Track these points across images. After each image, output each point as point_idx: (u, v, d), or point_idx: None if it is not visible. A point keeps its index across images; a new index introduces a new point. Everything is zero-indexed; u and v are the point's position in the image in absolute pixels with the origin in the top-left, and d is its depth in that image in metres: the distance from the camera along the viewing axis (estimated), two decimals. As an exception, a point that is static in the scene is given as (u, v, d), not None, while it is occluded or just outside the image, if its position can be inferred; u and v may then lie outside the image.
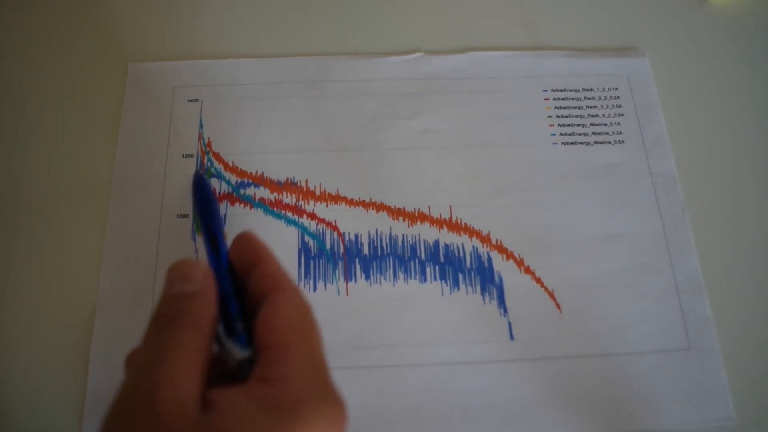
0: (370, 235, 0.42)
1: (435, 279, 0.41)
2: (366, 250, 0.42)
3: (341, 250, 0.42)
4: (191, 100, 0.46)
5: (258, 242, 0.32)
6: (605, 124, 0.46)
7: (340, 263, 0.41)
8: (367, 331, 0.40)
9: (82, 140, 0.45)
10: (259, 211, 0.43)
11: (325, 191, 0.43)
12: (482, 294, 0.41)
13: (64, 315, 0.40)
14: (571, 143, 0.45)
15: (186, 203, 0.43)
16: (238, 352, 0.28)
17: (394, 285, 0.41)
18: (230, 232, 0.42)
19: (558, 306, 0.40)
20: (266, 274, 0.30)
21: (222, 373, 0.27)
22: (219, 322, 0.28)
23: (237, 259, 0.31)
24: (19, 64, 0.47)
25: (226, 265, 0.31)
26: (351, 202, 0.43)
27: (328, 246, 0.42)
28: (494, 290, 0.41)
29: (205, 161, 0.44)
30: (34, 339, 0.39)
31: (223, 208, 0.43)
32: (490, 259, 0.42)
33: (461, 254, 0.42)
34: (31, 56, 0.48)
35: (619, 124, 0.46)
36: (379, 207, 0.43)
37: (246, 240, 0.32)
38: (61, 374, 0.38)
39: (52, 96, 0.46)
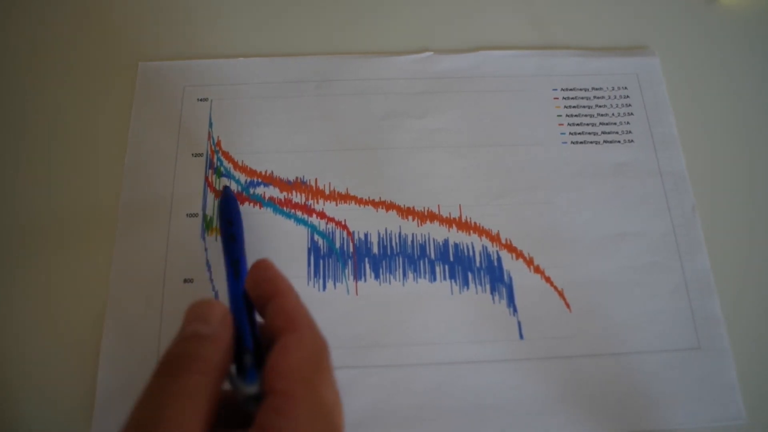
0: (379, 234, 0.42)
1: (444, 278, 0.41)
2: (375, 249, 0.42)
3: (351, 249, 0.42)
4: (201, 99, 0.46)
5: (275, 272, 0.30)
6: (615, 123, 0.46)
7: (349, 262, 0.41)
8: (376, 331, 0.40)
9: (92, 139, 0.45)
10: (269, 210, 0.43)
11: (334, 190, 0.43)
12: (492, 293, 0.41)
13: (74, 315, 0.40)
14: (581, 142, 0.45)
15: (195, 202, 0.43)
16: (245, 388, 0.27)
17: (403, 284, 0.41)
18: (240, 231, 0.42)
19: (568, 305, 0.40)
20: (281, 310, 0.28)
21: (230, 407, 0.27)
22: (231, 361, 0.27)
23: (253, 288, 0.30)
24: (29, 63, 0.48)
25: (243, 295, 0.31)
26: (360, 201, 0.43)
27: (337, 245, 0.42)
28: (504, 289, 0.41)
29: (215, 160, 0.44)
30: (45, 338, 0.39)
31: (233, 207, 0.43)
32: (499, 258, 0.42)
33: (471, 253, 0.42)
34: (41, 55, 0.48)
35: (628, 123, 0.46)
36: (389, 206, 0.43)
37: (263, 269, 0.31)
38: (71, 374, 0.39)
39: (63, 95, 0.46)
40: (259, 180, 0.44)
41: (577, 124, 0.46)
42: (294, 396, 0.25)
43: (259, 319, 0.30)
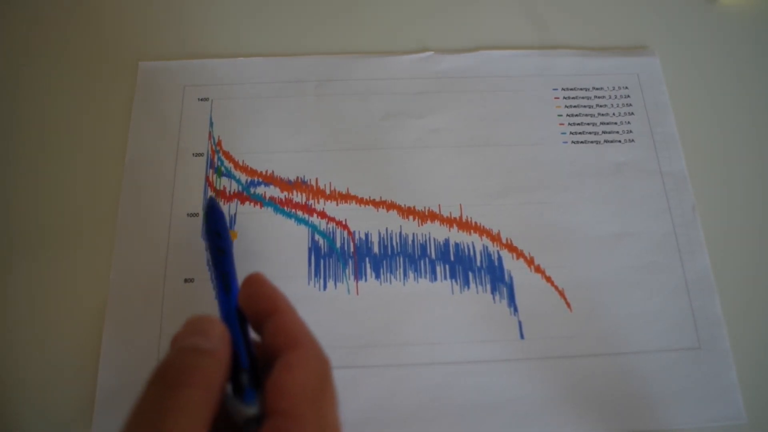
0: (380, 233, 0.42)
1: (445, 278, 0.41)
2: (376, 249, 0.42)
3: (351, 249, 0.42)
4: (201, 99, 0.46)
5: (271, 288, 0.29)
6: (615, 123, 0.46)
7: (350, 262, 0.41)
8: (377, 330, 0.40)
9: (92, 139, 0.45)
10: (269, 210, 0.43)
11: (335, 190, 0.43)
12: (492, 293, 0.41)
13: (74, 313, 0.40)
14: (582, 142, 0.45)
15: (195, 202, 0.43)
16: (244, 410, 0.26)
17: (404, 284, 0.41)
18: (240, 231, 0.42)
19: (568, 305, 0.40)
20: (281, 327, 0.27)
21: (227, 427, 0.26)
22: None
23: (247, 304, 0.29)
24: (28, 63, 0.48)
25: (236, 310, 0.30)
26: (361, 201, 0.43)
27: (338, 245, 0.42)
28: (504, 289, 0.41)
29: (216, 160, 0.44)
30: (44, 339, 0.39)
31: (234, 206, 0.43)
32: (500, 258, 0.42)
33: (471, 253, 0.42)
34: (41, 55, 0.48)
35: (629, 123, 0.46)
36: (390, 206, 0.43)
37: (258, 284, 0.30)
38: (71, 375, 0.39)
39: (63, 94, 0.46)
40: (260, 180, 0.44)
41: (578, 124, 0.46)
42: (301, 416, 0.24)
43: (252, 335, 0.29)
